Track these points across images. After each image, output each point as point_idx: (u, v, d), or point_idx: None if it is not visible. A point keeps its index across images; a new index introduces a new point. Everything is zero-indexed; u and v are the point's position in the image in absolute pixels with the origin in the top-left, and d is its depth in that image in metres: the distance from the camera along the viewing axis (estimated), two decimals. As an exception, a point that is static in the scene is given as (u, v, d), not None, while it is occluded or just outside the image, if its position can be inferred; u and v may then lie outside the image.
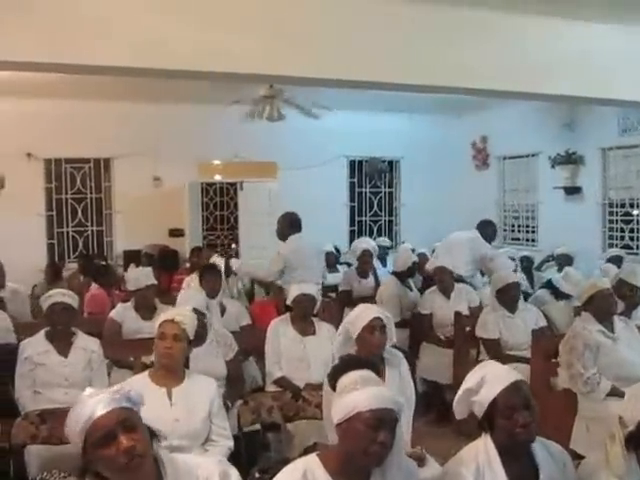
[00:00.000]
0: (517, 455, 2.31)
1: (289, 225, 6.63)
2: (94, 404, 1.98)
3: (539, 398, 4.32)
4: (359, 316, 3.59)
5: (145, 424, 2.05)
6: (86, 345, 4.23)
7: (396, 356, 3.69)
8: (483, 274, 7.21)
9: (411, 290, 6.86)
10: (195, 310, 4.14)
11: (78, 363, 4.14)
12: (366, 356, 3.41)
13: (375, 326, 3.52)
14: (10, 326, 4.97)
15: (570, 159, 8.88)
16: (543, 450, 2.36)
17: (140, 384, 3.22)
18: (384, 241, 9.71)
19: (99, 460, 1.96)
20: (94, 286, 6.61)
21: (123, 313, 5.07)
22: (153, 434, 2.08)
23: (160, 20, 3.87)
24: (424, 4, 4.40)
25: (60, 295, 4.26)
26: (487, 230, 7.27)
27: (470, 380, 2.40)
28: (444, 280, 6.27)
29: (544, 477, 2.29)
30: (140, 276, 5.17)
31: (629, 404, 2.31)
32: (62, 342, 4.18)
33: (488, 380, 2.33)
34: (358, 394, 2.18)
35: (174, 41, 3.90)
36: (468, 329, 5.59)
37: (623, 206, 8.65)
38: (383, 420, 2.15)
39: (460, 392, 2.42)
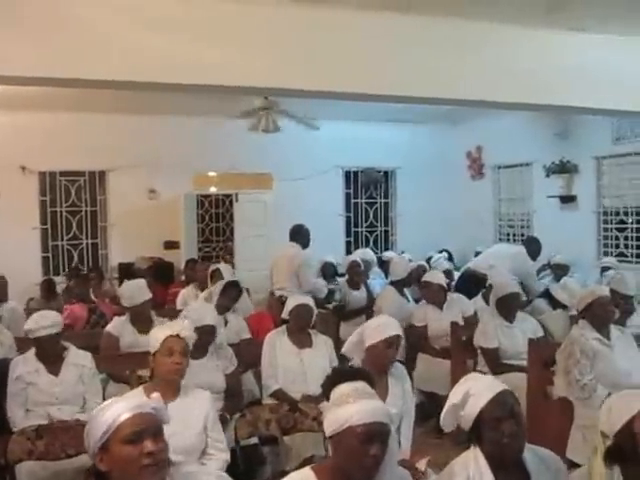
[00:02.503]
0: (508, 465, 2.30)
1: None
2: (125, 405, 2.07)
3: (536, 407, 4.37)
4: (380, 327, 3.59)
5: None
6: (77, 360, 4.18)
7: (399, 369, 3.71)
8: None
9: (408, 301, 6.86)
10: (212, 327, 4.18)
11: (69, 380, 4.09)
12: (371, 366, 3.42)
13: (393, 343, 3.54)
14: (13, 343, 4.94)
15: (564, 168, 8.91)
16: (534, 458, 2.35)
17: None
18: (390, 253, 9.70)
19: (118, 459, 2.00)
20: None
21: (120, 327, 5.01)
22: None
23: (156, 35, 3.89)
24: (418, 16, 4.43)
25: (43, 329, 4.07)
26: (533, 247, 7.43)
27: (455, 395, 2.39)
28: (429, 295, 6.26)
29: None
30: (135, 292, 5.05)
31: (606, 417, 2.31)
32: (53, 360, 4.12)
33: (472, 394, 2.33)
34: (350, 407, 2.17)
35: (170, 55, 3.92)
36: (464, 339, 5.59)
37: (617, 214, 8.67)
38: (375, 434, 2.14)
39: (446, 408, 2.41)
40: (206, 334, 4.17)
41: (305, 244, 7.19)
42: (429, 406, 5.75)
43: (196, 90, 4.87)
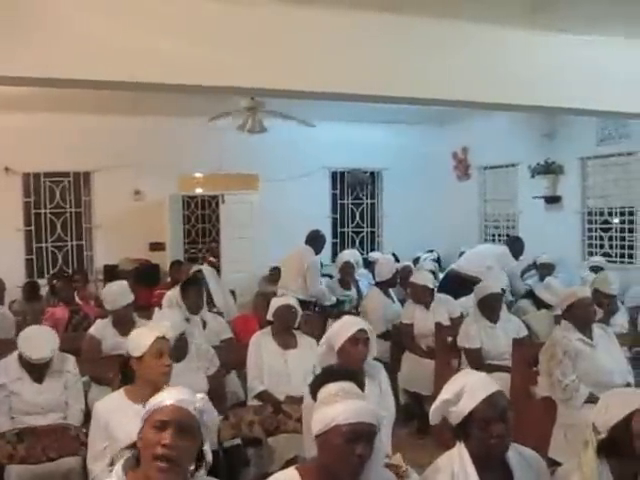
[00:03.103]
0: (491, 462, 2.32)
1: None
2: (173, 394, 2.13)
3: (519, 406, 4.38)
4: (343, 327, 3.58)
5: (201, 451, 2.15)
6: (62, 367, 4.09)
7: (376, 368, 3.69)
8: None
9: (393, 302, 6.87)
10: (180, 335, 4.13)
11: (54, 388, 4.01)
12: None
13: (359, 338, 3.52)
14: None
15: (549, 169, 8.95)
16: (517, 456, 2.36)
17: (115, 402, 3.18)
18: (376, 254, 9.74)
19: (144, 439, 2.07)
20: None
21: (103, 329, 4.98)
22: (201, 459, 2.17)
23: (141, 34, 3.86)
24: (404, 17, 4.41)
25: (43, 360, 3.93)
26: (516, 246, 7.50)
27: (449, 390, 2.39)
28: (414, 295, 6.27)
29: None
30: (117, 296, 5.01)
31: (602, 411, 2.33)
32: (37, 367, 3.99)
33: (467, 391, 2.32)
34: (338, 407, 2.18)
35: (155, 55, 3.88)
36: (450, 339, 5.60)
37: (602, 214, 8.73)
38: (361, 434, 2.14)
39: (438, 401, 2.41)
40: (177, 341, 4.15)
41: (318, 250, 7.36)
42: (413, 407, 5.77)
43: (183, 90, 4.82)
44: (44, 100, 7.55)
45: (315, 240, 7.42)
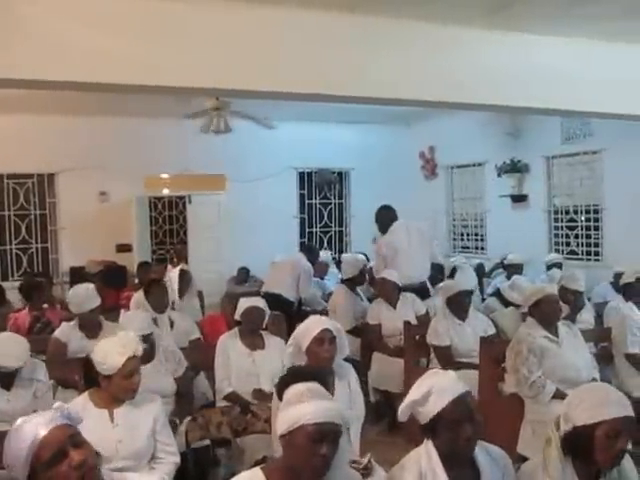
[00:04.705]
0: (459, 460, 2.32)
1: None
2: (36, 425, 1.97)
3: (487, 403, 4.41)
4: (308, 328, 3.56)
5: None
6: (32, 375, 3.96)
7: (345, 368, 3.68)
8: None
9: (361, 300, 6.88)
10: (142, 337, 4.06)
11: (23, 396, 3.89)
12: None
13: (324, 338, 3.50)
14: None
15: (515, 167, 9.04)
16: (484, 454, 2.37)
17: (80, 407, 3.12)
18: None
19: None
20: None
21: (68, 332, 4.90)
22: (97, 453, 2.10)
23: (105, 35, 3.82)
24: (368, 17, 4.43)
25: (10, 364, 3.79)
26: (389, 215, 7.40)
27: (416, 391, 2.37)
28: (384, 292, 6.28)
29: None
30: (83, 299, 4.93)
31: (573, 404, 2.34)
32: (5, 374, 3.85)
33: (434, 392, 2.31)
34: (303, 407, 2.17)
35: (119, 55, 3.85)
36: (417, 337, 5.61)
37: (567, 213, 8.83)
38: (326, 434, 2.14)
39: (406, 402, 2.39)
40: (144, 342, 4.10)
41: (311, 260, 7.60)
42: (384, 405, 5.78)
43: (148, 91, 4.79)
44: (6, 101, 7.43)
45: (308, 250, 7.85)
